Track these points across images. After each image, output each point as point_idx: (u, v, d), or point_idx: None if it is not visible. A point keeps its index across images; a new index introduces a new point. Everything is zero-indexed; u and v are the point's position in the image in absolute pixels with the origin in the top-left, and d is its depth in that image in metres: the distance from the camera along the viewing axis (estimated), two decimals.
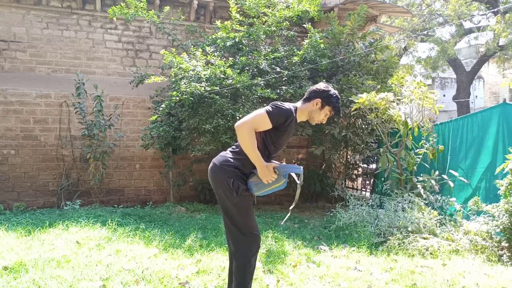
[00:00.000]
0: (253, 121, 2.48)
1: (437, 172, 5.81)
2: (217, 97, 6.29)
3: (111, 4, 7.77)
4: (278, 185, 2.58)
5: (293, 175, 2.60)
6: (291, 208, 2.76)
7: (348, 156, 8.51)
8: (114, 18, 7.22)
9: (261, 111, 2.52)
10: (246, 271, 2.56)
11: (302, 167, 2.60)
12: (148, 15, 7.08)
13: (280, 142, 2.66)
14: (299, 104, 2.74)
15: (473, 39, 18.46)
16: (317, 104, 2.68)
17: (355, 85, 6.89)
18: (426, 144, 5.90)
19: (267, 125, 2.52)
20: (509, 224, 4.06)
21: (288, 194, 8.23)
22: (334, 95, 2.70)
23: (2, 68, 7.24)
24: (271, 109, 2.52)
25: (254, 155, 2.48)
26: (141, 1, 7.03)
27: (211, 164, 2.65)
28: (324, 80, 7.25)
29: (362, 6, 7.46)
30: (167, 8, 7.44)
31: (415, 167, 5.94)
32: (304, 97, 2.75)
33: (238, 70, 6.72)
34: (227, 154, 2.65)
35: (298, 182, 2.57)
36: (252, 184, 2.57)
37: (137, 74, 7.46)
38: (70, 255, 3.81)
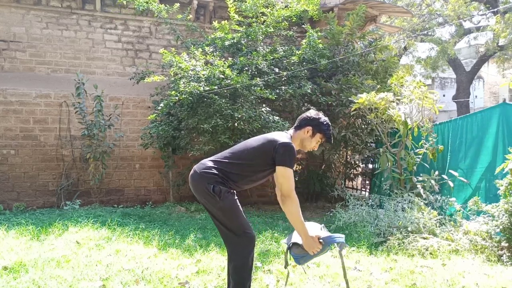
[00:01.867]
0: (292, 184, 2.50)
1: (436, 172, 5.81)
2: (216, 97, 6.30)
3: (111, 4, 7.78)
4: (322, 254, 2.60)
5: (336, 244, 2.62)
6: (344, 279, 2.73)
7: (348, 156, 8.51)
8: (125, 5, 7.23)
9: (288, 171, 2.50)
10: (243, 271, 2.56)
11: (344, 235, 2.62)
12: (158, 8, 7.11)
13: (265, 176, 2.71)
14: (291, 131, 2.76)
15: (473, 39, 18.47)
16: (308, 132, 2.69)
17: (355, 85, 6.89)
18: (425, 144, 5.90)
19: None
20: (509, 224, 4.06)
21: None
22: (325, 123, 2.72)
23: (2, 68, 7.24)
24: (289, 161, 2.51)
25: (301, 225, 2.51)
26: None
27: (191, 171, 2.65)
28: (323, 81, 7.26)
29: (361, 6, 7.46)
30: (176, 5, 7.44)
31: (414, 167, 5.94)
32: (295, 124, 2.77)
33: (237, 70, 6.72)
34: (207, 161, 2.65)
35: (339, 249, 2.60)
36: (298, 256, 2.59)
37: (138, 71, 7.46)
38: (70, 255, 3.81)
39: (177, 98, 6.36)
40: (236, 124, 6.30)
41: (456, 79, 17.59)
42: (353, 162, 8.34)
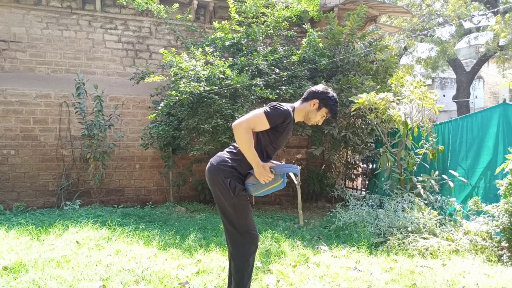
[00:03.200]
0: (251, 121, 2.47)
1: (437, 172, 5.81)
2: (216, 97, 6.30)
3: (111, 4, 7.78)
4: (275, 185, 2.57)
5: (291, 174, 2.58)
6: (299, 210, 2.75)
7: (348, 156, 8.51)
8: (125, 5, 7.23)
9: (259, 111, 2.52)
10: (244, 271, 2.56)
11: (299, 166, 2.59)
12: (157, 8, 7.11)
13: (278, 142, 2.66)
14: (297, 104, 2.74)
15: (473, 39, 18.47)
16: (314, 104, 2.68)
17: (355, 85, 6.89)
18: (426, 144, 5.90)
19: (264, 125, 2.51)
20: (509, 224, 4.06)
21: (288, 194, 8.23)
22: (332, 97, 2.70)
23: (2, 68, 7.24)
24: (269, 110, 2.51)
25: (250, 154, 2.48)
26: None
27: (208, 164, 2.65)
28: (323, 82, 7.25)
29: (362, 6, 7.46)
30: (175, 5, 7.45)
31: (415, 167, 5.94)
32: (303, 97, 2.75)
33: (238, 70, 6.72)
34: (224, 154, 2.65)
35: (295, 182, 2.56)
36: (249, 184, 2.56)
37: (138, 71, 7.47)
38: (70, 255, 3.81)
39: (177, 98, 6.36)
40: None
41: (456, 79, 17.59)
42: (353, 162, 8.34)
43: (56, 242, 4.25)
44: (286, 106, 2.60)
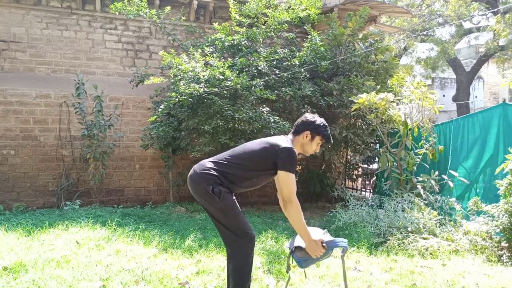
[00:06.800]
0: (293, 190, 2.51)
1: (436, 172, 5.81)
2: (216, 98, 6.29)
3: (111, 5, 7.77)
4: (325, 258, 2.61)
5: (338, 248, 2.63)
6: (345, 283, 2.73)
7: (348, 156, 8.51)
8: (116, 13, 7.17)
9: (290, 176, 2.50)
10: (243, 271, 2.56)
11: (347, 240, 2.63)
12: (148, 14, 7.09)
13: (262, 180, 2.72)
14: (291, 137, 2.76)
15: (473, 39, 18.46)
16: (307, 136, 2.72)
17: (356, 86, 6.89)
18: (425, 144, 5.90)
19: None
20: (509, 224, 4.05)
21: None
22: (322, 124, 2.73)
23: (2, 68, 7.24)
24: (291, 165, 2.52)
25: (304, 230, 2.52)
26: (142, 0, 7.05)
27: (191, 171, 2.65)
28: (324, 83, 7.24)
29: (364, 7, 7.45)
30: (167, 8, 7.45)
31: (414, 167, 5.94)
32: (293, 130, 2.79)
33: (237, 71, 6.72)
34: (206, 162, 2.65)
35: (342, 254, 2.61)
36: (301, 260, 2.59)
37: (137, 74, 7.46)
38: (69, 255, 3.81)
39: (177, 99, 6.36)
40: (236, 125, 6.30)
41: (456, 79, 17.58)
42: (353, 163, 8.34)
43: (56, 242, 4.25)
44: (289, 144, 2.60)
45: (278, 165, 2.52)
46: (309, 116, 2.77)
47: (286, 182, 2.51)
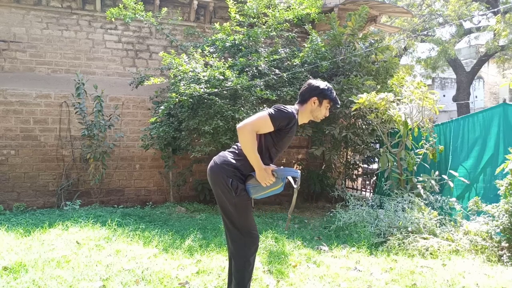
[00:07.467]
0: (255, 123, 2.49)
1: (437, 172, 5.80)
2: (217, 98, 6.29)
3: (111, 5, 7.78)
4: (275, 188, 2.58)
5: (290, 178, 2.60)
6: (289, 214, 2.74)
7: (348, 156, 8.51)
8: (113, 19, 7.23)
9: (264, 113, 2.53)
10: (245, 271, 2.57)
11: (299, 171, 2.60)
12: (146, 16, 7.10)
13: (281, 144, 2.67)
14: (297, 106, 2.75)
15: (473, 39, 18.45)
16: (314, 102, 2.71)
17: (356, 86, 6.89)
18: (426, 144, 5.90)
19: (269, 127, 2.52)
20: (509, 224, 4.05)
21: (288, 195, 8.20)
22: (327, 88, 2.73)
23: (2, 68, 7.24)
24: (273, 112, 2.52)
25: (253, 157, 2.49)
26: (138, 3, 7.05)
27: (211, 163, 2.66)
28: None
29: (363, 7, 7.45)
30: (165, 9, 7.45)
31: (415, 167, 5.94)
32: (299, 99, 2.77)
33: (238, 71, 6.71)
34: (227, 154, 2.65)
35: (294, 186, 2.56)
36: (250, 186, 2.57)
37: (137, 75, 7.46)
38: (70, 255, 3.80)
39: (177, 100, 6.35)
40: (237, 125, 6.29)
41: (456, 79, 17.58)
42: (353, 163, 8.34)
43: (56, 242, 4.25)
44: (290, 108, 2.61)
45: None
46: (312, 81, 2.76)
47: (257, 114, 2.54)
